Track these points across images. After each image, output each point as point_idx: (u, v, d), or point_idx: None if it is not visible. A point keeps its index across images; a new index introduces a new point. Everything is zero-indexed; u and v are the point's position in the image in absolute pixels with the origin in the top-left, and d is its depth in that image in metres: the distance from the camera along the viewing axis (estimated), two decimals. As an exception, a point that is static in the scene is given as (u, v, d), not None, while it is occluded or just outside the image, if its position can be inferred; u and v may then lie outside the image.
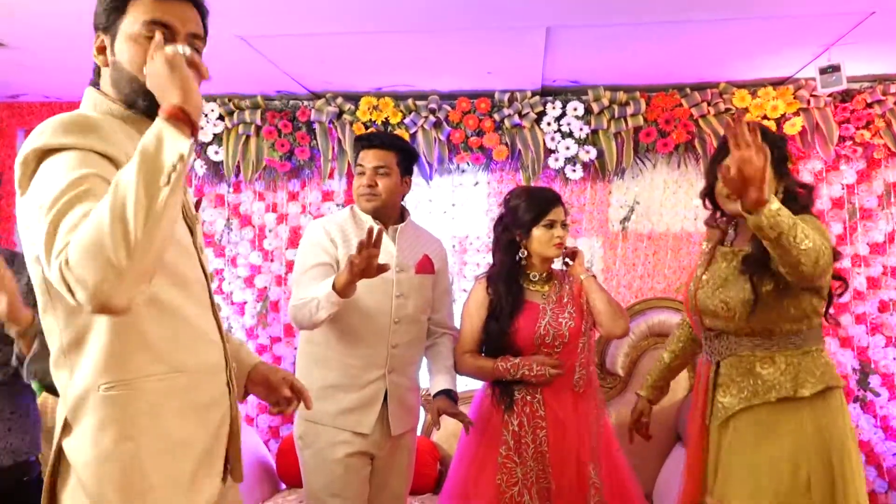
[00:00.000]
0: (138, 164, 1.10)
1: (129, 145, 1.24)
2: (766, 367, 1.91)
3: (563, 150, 3.68)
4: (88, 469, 1.26)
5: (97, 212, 1.08)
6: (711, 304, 1.99)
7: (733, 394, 1.94)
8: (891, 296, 3.61)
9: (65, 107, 4.10)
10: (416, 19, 2.86)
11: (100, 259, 1.05)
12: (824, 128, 3.52)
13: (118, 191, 1.08)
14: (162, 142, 1.13)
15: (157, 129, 1.15)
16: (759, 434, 1.88)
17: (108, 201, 1.08)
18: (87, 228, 1.07)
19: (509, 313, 2.44)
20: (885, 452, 3.57)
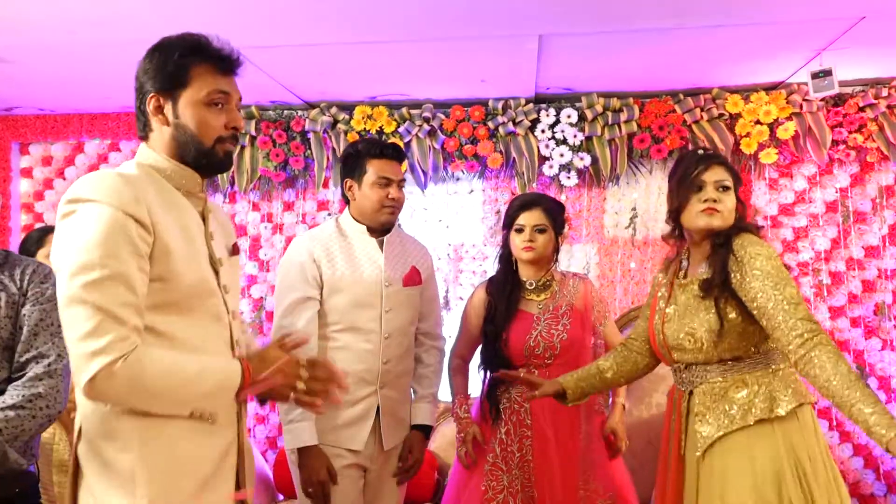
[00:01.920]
0: (196, 392, 1.37)
1: (157, 198, 1.41)
2: (738, 390, 1.89)
3: (558, 157, 3.68)
4: (94, 476, 1.38)
5: (157, 371, 1.32)
6: (677, 338, 1.97)
7: (710, 422, 1.90)
8: (886, 299, 3.62)
9: (58, 119, 4.11)
10: (409, 29, 2.87)
11: (128, 398, 1.33)
12: (817, 132, 3.54)
13: (177, 381, 1.34)
14: (214, 399, 1.41)
15: (225, 389, 1.40)
16: (739, 460, 1.85)
17: (171, 376, 1.33)
18: (140, 372, 1.29)
19: (501, 320, 2.46)
20: (884, 455, 3.57)
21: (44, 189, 4.18)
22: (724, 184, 1.97)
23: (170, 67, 1.48)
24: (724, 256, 1.91)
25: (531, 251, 2.43)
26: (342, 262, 2.33)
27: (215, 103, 1.49)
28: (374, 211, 2.36)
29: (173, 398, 1.36)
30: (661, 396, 3.41)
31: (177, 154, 1.49)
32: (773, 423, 1.84)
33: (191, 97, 1.48)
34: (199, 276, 1.45)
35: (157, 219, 1.37)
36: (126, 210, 1.33)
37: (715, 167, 2.00)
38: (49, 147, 4.18)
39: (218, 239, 1.57)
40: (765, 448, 1.83)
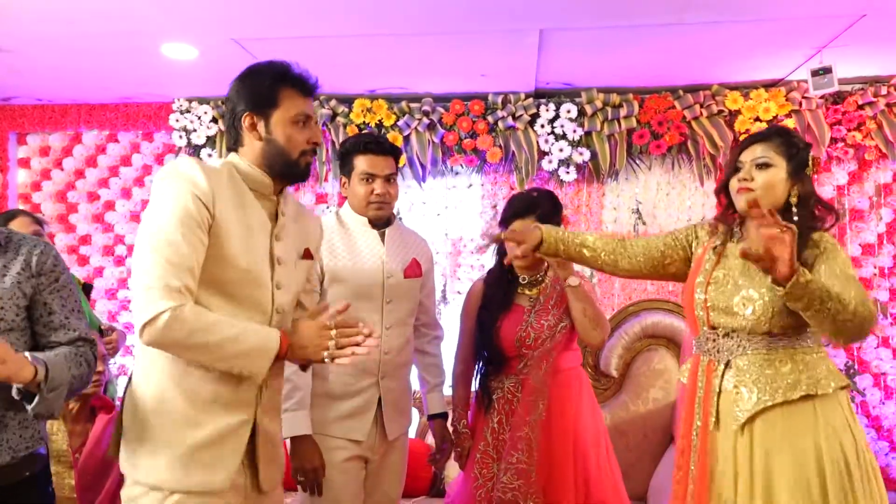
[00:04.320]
0: (237, 350, 1.55)
1: (228, 190, 1.64)
2: (784, 364, 1.84)
3: (557, 152, 3.69)
4: (132, 391, 1.66)
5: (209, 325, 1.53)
6: (727, 302, 1.90)
7: (753, 392, 1.84)
8: (882, 297, 3.64)
9: (56, 110, 4.10)
10: (409, 22, 2.87)
11: (174, 344, 1.53)
12: (816, 129, 3.55)
13: (222, 335, 1.54)
14: (256, 360, 1.57)
15: (266, 350, 1.58)
16: (789, 433, 1.80)
17: (216, 332, 1.53)
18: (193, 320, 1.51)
19: (495, 311, 2.49)
20: (878, 452, 3.59)
21: (41, 179, 4.17)
22: (761, 160, 1.89)
23: (263, 91, 1.71)
24: (800, 245, 1.79)
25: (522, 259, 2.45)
26: (343, 253, 2.33)
27: (300, 122, 1.72)
28: (362, 207, 2.36)
29: (214, 351, 1.53)
30: (657, 391, 3.43)
31: (264, 164, 1.71)
32: (815, 403, 1.80)
33: (280, 117, 1.71)
34: (247, 265, 1.63)
35: (221, 206, 1.59)
36: (195, 191, 1.56)
37: (755, 145, 1.93)
38: (47, 137, 4.17)
39: (286, 241, 1.76)
40: (807, 430, 1.80)
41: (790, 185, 1.89)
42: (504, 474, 2.36)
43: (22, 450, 1.69)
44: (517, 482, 2.34)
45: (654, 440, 3.36)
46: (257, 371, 1.58)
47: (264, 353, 1.57)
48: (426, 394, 2.58)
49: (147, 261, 1.53)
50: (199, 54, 3.23)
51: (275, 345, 1.58)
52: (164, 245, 1.52)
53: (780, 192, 1.90)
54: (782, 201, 1.90)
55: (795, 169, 1.89)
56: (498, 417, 2.46)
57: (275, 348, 1.58)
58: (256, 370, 1.58)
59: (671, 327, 3.44)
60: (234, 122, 1.73)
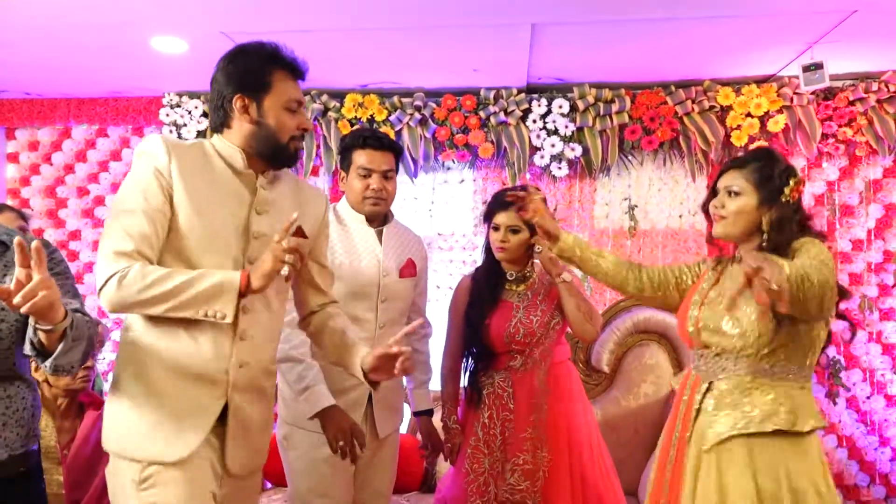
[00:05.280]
0: (195, 292, 1.56)
1: (195, 165, 1.67)
2: (765, 394, 1.83)
3: (549, 147, 3.68)
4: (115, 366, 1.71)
5: (161, 276, 1.56)
6: (717, 322, 1.90)
7: (725, 418, 1.84)
8: (872, 292, 3.65)
9: (45, 104, 4.06)
10: (401, 16, 2.85)
11: (130, 302, 1.57)
12: (807, 125, 3.55)
13: (176, 282, 1.55)
14: (218, 297, 1.57)
15: (225, 286, 1.57)
16: (751, 466, 1.80)
17: (169, 281, 1.55)
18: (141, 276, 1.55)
19: (484, 308, 2.49)
20: (867, 447, 3.61)
21: (30, 174, 4.14)
22: (732, 188, 1.92)
23: (254, 72, 1.70)
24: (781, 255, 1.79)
25: (503, 251, 2.47)
26: (341, 252, 2.32)
27: (292, 108, 1.72)
28: (358, 202, 2.35)
29: (173, 298, 1.55)
30: (648, 387, 3.43)
31: (252, 146, 1.72)
32: (793, 438, 1.79)
33: (274, 101, 1.70)
34: (211, 237, 1.65)
35: (182, 177, 1.62)
36: (155, 163, 1.61)
37: (730, 171, 1.95)
38: (36, 132, 4.14)
39: (271, 216, 1.74)
40: (769, 468, 1.78)
41: (762, 211, 1.90)
42: (511, 475, 2.37)
43: (18, 448, 1.68)
44: (524, 483, 2.36)
45: (645, 435, 3.37)
46: (223, 309, 1.57)
47: (226, 287, 1.57)
48: (413, 390, 2.59)
49: (106, 231, 1.60)
50: (189, 48, 3.21)
51: (235, 278, 1.58)
52: (120, 215, 1.59)
53: (752, 219, 1.91)
54: (755, 226, 1.92)
55: (767, 196, 1.89)
56: (488, 413, 2.47)
57: (236, 281, 1.57)
58: (222, 308, 1.57)
59: (663, 323, 3.45)
60: (221, 103, 1.72)
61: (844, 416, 3.62)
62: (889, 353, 3.64)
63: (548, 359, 2.47)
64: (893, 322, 3.63)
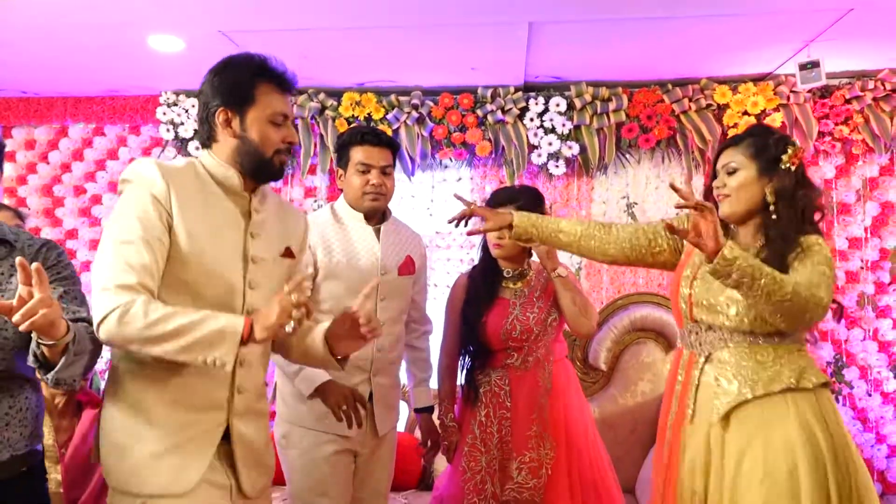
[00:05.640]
0: (198, 336, 1.49)
1: (191, 189, 1.63)
2: (766, 357, 1.82)
3: (546, 145, 3.68)
4: (106, 396, 1.68)
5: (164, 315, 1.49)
6: (710, 298, 1.89)
7: (731, 385, 1.83)
8: (868, 290, 3.66)
9: (42, 103, 4.06)
10: (398, 14, 2.86)
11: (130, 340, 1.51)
12: (804, 123, 3.56)
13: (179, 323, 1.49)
14: (219, 345, 1.50)
15: (227, 333, 1.50)
16: (764, 431, 1.78)
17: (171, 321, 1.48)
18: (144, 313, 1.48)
19: (480, 306, 2.49)
20: (864, 444, 3.62)
21: (27, 173, 4.13)
22: (730, 166, 1.91)
23: (239, 85, 1.66)
24: (784, 247, 1.81)
25: (499, 248, 2.47)
26: (339, 250, 2.32)
27: (277, 121, 1.68)
28: (357, 198, 2.35)
29: (172, 341, 1.48)
30: (646, 384, 3.44)
31: (237, 162, 1.68)
32: (794, 397, 1.78)
33: (257, 115, 1.67)
34: (212, 263, 1.61)
35: (181, 205, 1.58)
36: (153, 191, 1.56)
37: (726, 151, 1.95)
38: (32, 130, 4.14)
39: (264, 239, 1.73)
40: (780, 423, 1.77)
41: (764, 182, 1.88)
42: (518, 474, 2.37)
43: (21, 448, 1.66)
44: (532, 481, 2.36)
45: (642, 433, 3.38)
46: (223, 357, 1.50)
47: (228, 335, 1.50)
48: (413, 388, 2.60)
49: (103, 263, 1.53)
50: (186, 46, 3.20)
51: (237, 325, 1.51)
52: (119, 246, 1.53)
53: (755, 192, 1.89)
54: (759, 200, 1.89)
55: (766, 166, 1.88)
56: (485, 410, 2.47)
57: (238, 329, 1.50)
58: (222, 356, 1.50)
59: (660, 321, 3.45)
60: (207, 116, 1.69)
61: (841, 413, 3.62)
62: (885, 350, 3.65)
63: (550, 357, 2.48)
64: (890, 319, 3.64)
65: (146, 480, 1.57)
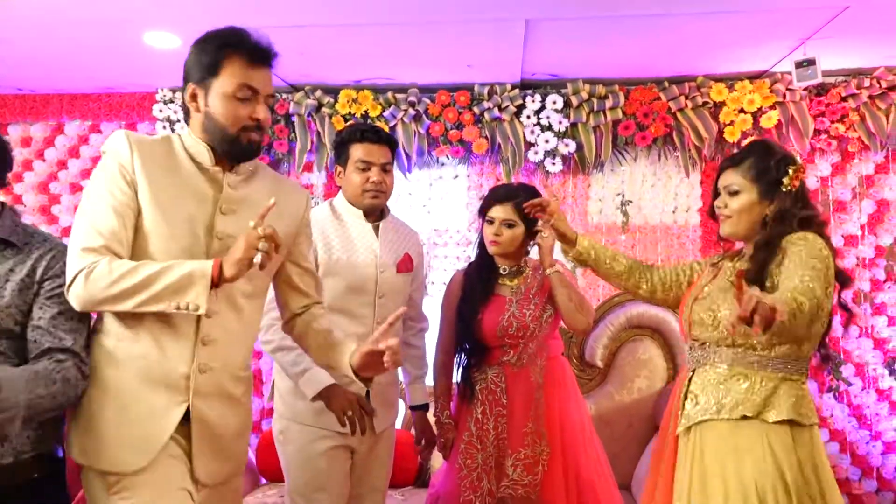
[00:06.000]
0: (165, 283, 1.50)
1: (161, 161, 1.62)
2: (738, 382, 1.85)
3: (543, 143, 3.69)
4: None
5: (129, 269, 1.51)
6: (699, 314, 1.94)
7: (699, 403, 1.89)
8: (864, 287, 3.67)
9: (38, 100, 4.05)
10: (395, 11, 2.85)
11: (100, 299, 1.53)
12: (800, 121, 3.57)
13: (144, 275, 1.50)
14: (190, 287, 1.50)
15: (196, 275, 1.50)
16: (720, 451, 1.82)
17: (136, 274, 1.50)
18: (108, 271, 1.51)
19: (476, 303, 2.49)
20: (859, 441, 3.63)
21: (23, 170, 4.12)
22: (731, 188, 1.94)
23: (206, 59, 1.62)
24: (766, 256, 1.84)
25: (496, 245, 2.47)
26: (338, 247, 2.32)
27: (241, 95, 1.61)
28: (357, 195, 2.35)
29: (142, 291, 1.50)
30: (642, 381, 3.45)
31: (206, 138, 1.65)
32: (762, 427, 1.79)
33: (219, 88, 1.61)
34: (169, 234, 1.58)
35: (145, 174, 1.57)
36: (119, 159, 1.57)
37: (727, 171, 1.97)
38: (28, 127, 4.13)
39: (239, 216, 1.65)
40: (752, 448, 1.79)
41: (765, 205, 1.92)
42: (514, 471, 2.37)
43: (28, 451, 1.59)
44: (528, 478, 2.36)
45: (638, 430, 3.39)
46: (196, 300, 1.50)
47: (197, 277, 1.50)
48: (408, 385, 2.61)
49: (75, 230, 1.56)
50: (183, 43, 3.20)
51: (207, 268, 1.51)
52: (87, 213, 1.56)
53: (755, 215, 1.93)
54: (759, 220, 1.93)
55: (766, 189, 1.91)
56: (482, 408, 2.47)
57: (207, 271, 1.50)
58: (195, 299, 1.50)
59: (656, 318, 3.46)
60: (183, 93, 1.67)
61: (836, 410, 3.64)
62: (880, 347, 3.66)
63: (544, 354, 2.48)
64: (885, 317, 3.66)
65: (105, 456, 1.56)
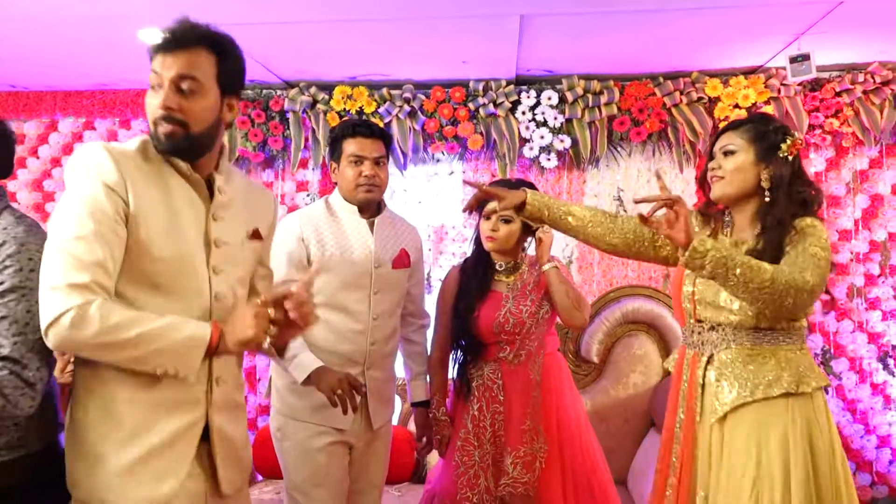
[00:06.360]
0: (161, 346, 1.38)
1: (143, 172, 1.49)
2: (767, 360, 1.84)
3: (538, 139, 3.69)
4: (72, 404, 1.51)
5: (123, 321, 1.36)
6: (714, 296, 1.89)
7: (733, 387, 1.84)
8: (858, 282, 3.68)
9: (31, 97, 4.03)
10: (390, 8, 2.85)
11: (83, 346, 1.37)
12: (794, 116, 3.57)
13: (140, 331, 1.37)
14: (185, 354, 1.40)
15: (193, 344, 1.41)
16: (760, 430, 1.81)
17: (133, 328, 1.36)
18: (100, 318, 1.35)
19: (473, 299, 2.49)
20: (854, 435, 3.65)
21: (16, 168, 4.08)
22: (728, 148, 1.92)
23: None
24: (780, 235, 1.83)
25: (493, 241, 2.47)
26: (332, 243, 2.32)
27: (154, 86, 1.51)
28: (350, 190, 2.35)
29: (132, 349, 1.37)
30: (637, 376, 3.46)
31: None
32: (790, 400, 1.80)
33: (149, 83, 1.53)
34: (174, 250, 1.48)
35: (136, 191, 1.44)
36: (105, 180, 1.42)
37: (725, 134, 1.96)
38: (22, 125, 4.10)
39: (228, 221, 1.60)
40: (777, 424, 1.79)
41: (759, 168, 1.90)
42: (513, 469, 2.37)
43: (9, 451, 1.49)
44: (526, 476, 2.36)
45: (634, 425, 3.39)
46: (186, 369, 1.41)
47: (193, 346, 1.40)
48: (410, 381, 2.60)
49: (53, 260, 1.38)
50: (177, 40, 3.19)
51: (204, 335, 1.41)
52: (71, 242, 1.38)
53: (750, 176, 1.91)
54: (752, 185, 1.91)
55: (763, 152, 1.90)
56: (478, 405, 2.47)
57: (205, 339, 1.40)
58: (185, 368, 1.41)
59: (651, 313, 3.47)
60: None
61: (831, 404, 3.65)
62: (875, 341, 3.67)
63: (542, 351, 2.48)
64: (879, 311, 3.67)
65: (122, 491, 1.43)
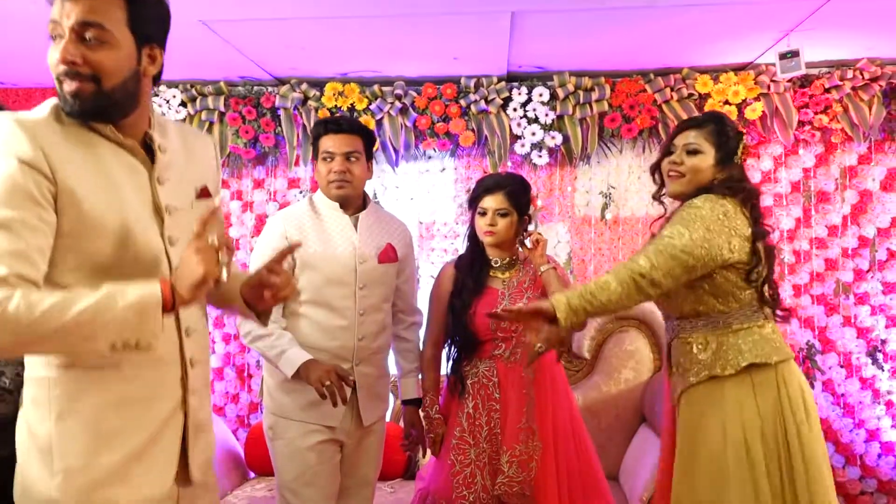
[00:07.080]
0: (106, 319, 1.17)
1: (65, 142, 1.29)
2: (700, 348, 1.94)
3: (529, 135, 3.69)
4: (23, 443, 1.34)
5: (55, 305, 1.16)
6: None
7: (679, 374, 1.99)
8: (847, 277, 3.71)
9: (20, 94, 4.00)
10: (381, 4, 2.84)
11: (13, 344, 1.18)
12: (784, 113, 3.59)
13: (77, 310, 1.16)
14: (139, 320, 1.19)
15: (148, 305, 1.20)
16: (695, 414, 1.94)
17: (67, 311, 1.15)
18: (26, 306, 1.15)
19: (469, 296, 2.49)
20: (843, 429, 3.68)
21: (5, 165, 4.08)
22: (692, 147, 1.99)
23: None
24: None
25: (491, 235, 2.46)
26: (314, 239, 2.32)
27: (52, 37, 1.33)
28: (324, 186, 2.38)
29: (76, 333, 1.17)
30: (629, 372, 3.47)
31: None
32: (723, 381, 1.89)
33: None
34: (121, 226, 1.30)
35: (62, 164, 1.25)
36: (21, 157, 1.22)
37: (689, 130, 2.02)
38: (10, 122, 4.08)
39: (175, 182, 1.42)
40: (716, 404, 1.89)
41: (716, 170, 1.99)
42: (509, 468, 2.36)
43: None
44: (522, 475, 2.37)
45: (625, 420, 3.41)
46: (147, 335, 1.21)
47: (145, 307, 1.20)
48: (400, 378, 2.60)
49: None
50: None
51: (154, 292, 1.21)
52: None
53: (707, 177, 1.99)
54: (706, 184, 1.99)
55: (723, 157, 1.99)
56: (473, 403, 2.46)
57: (156, 295, 1.21)
58: (145, 334, 1.20)
59: (642, 309, 3.48)
60: None
61: (821, 399, 3.68)
62: (863, 336, 3.70)
63: None
64: (868, 306, 3.70)
65: (110, 497, 1.31)
